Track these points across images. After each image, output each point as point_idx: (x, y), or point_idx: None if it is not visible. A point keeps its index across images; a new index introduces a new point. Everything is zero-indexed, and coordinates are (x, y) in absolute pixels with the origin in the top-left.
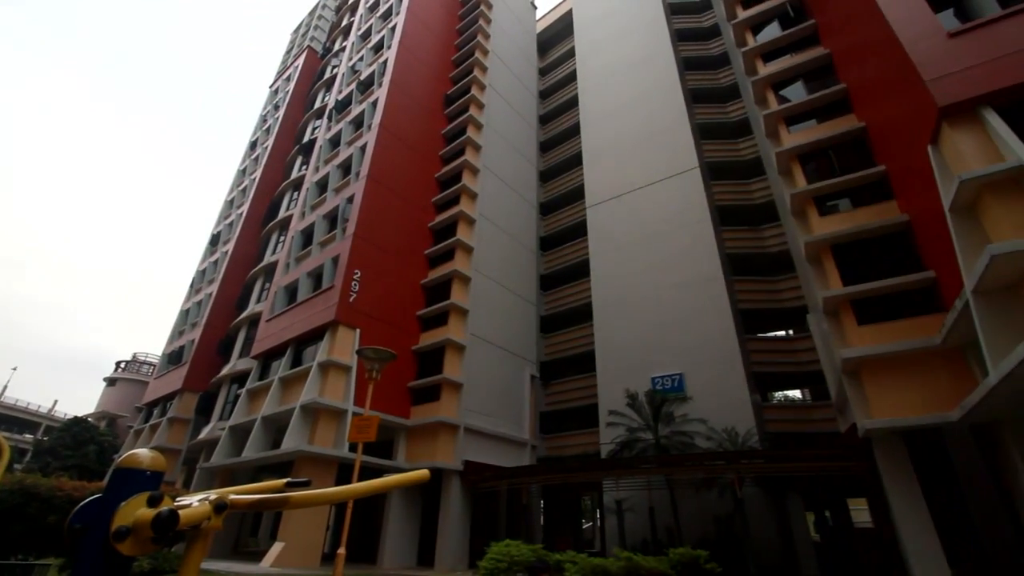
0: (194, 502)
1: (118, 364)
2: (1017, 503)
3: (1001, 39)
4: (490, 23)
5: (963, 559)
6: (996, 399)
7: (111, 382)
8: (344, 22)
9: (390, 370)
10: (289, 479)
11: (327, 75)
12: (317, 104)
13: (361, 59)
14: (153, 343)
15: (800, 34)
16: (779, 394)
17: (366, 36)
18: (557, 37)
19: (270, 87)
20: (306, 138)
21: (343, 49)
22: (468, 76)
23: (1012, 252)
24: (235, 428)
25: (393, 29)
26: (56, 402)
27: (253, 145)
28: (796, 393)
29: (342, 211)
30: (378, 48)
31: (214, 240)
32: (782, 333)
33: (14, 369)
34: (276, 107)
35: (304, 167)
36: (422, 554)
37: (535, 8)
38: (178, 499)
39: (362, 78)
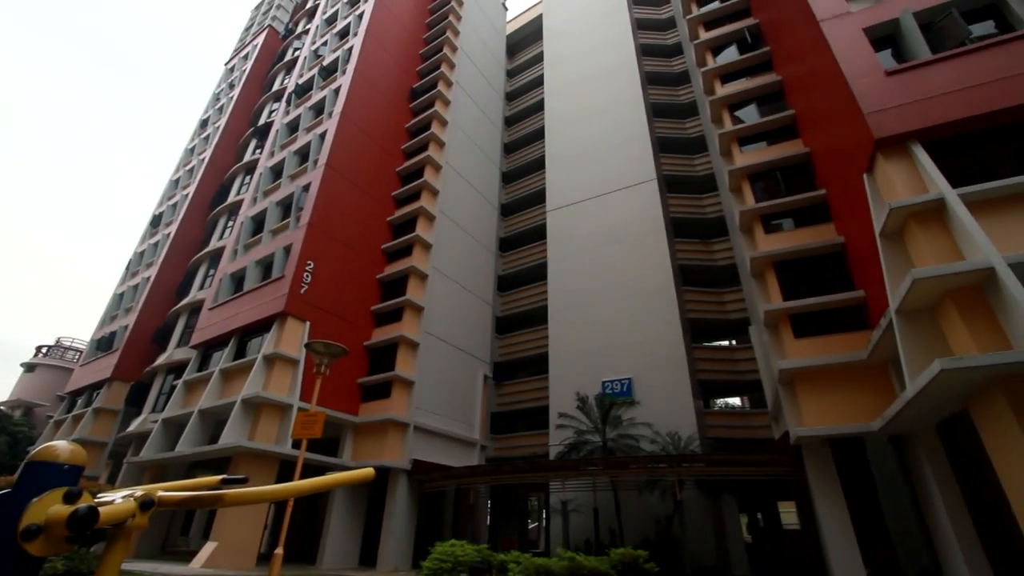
0: (117, 499)
1: (39, 349)
2: (925, 509)
3: (929, 81)
4: (460, 20)
5: (877, 559)
6: (911, 412)
7: (29, 368)
8: (309, 3)
9: (340, 365)
10: (225, 476)
11: (288, 57)
12: (276, 86)
13: (325, 44)
14: (80, 329)
15: (755, 60)
16: (720, 401)
17: (332, 21)
18: (527, 41)
19: (225, 64)
20: (262, 121)
21: (306, 32)
22: (435, 71)
23: (931, 277)
24: (169, 421)
25: (360, 16)
26: None
27: (204, 124)
28: (736, 400)
29: (297, 199)
30: (344, 34)
31: (155, 221)
32: (726, 343)
33: None
34: (231, 86)
35: (258, 151)
36: (365, 554)
37: (506, 9)
38: (99, 495)
39: (325, 64)
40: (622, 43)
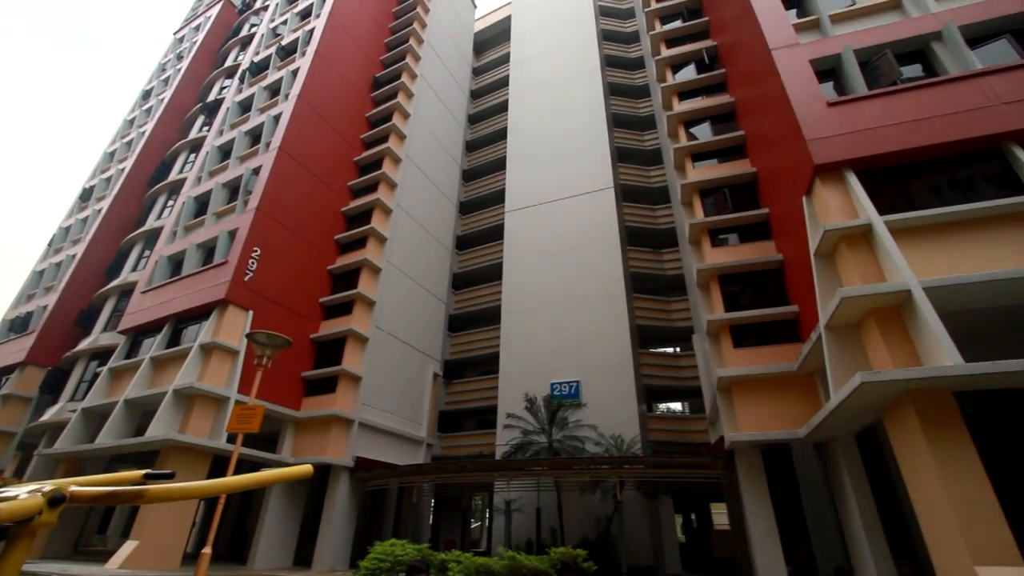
0: (22, 493)
1: None
2: (841, 512)
3: (864, 115)
4: (428, 12)
5: (797, 558)
6: (834, 420)
7: None
8: None
9: (283, 358)
10: (148, 471)
11: (243, 33)
12: (229, 62)
13: (285, 22)
14: None
15: (712, 80)
16: (663, 406)
17: None
18: (494, 40)
19: (174, 33)
20: (211, 97)
21: (265, 8)
22: (400, 62)
23: (857, 296)
24: (90, 411)
25: None
26: None
27: (147, 95)
28: (677, 406)
29: (246, 182)
30: (305, 15)
31: (85, 195)
32: (671, 350)
33: None
34: (179, 57)
35: (206, 128)
36: (300, 554)
37: (475, 7)
38: (2, 490)
39: (284, 43)
40: (588, 52)
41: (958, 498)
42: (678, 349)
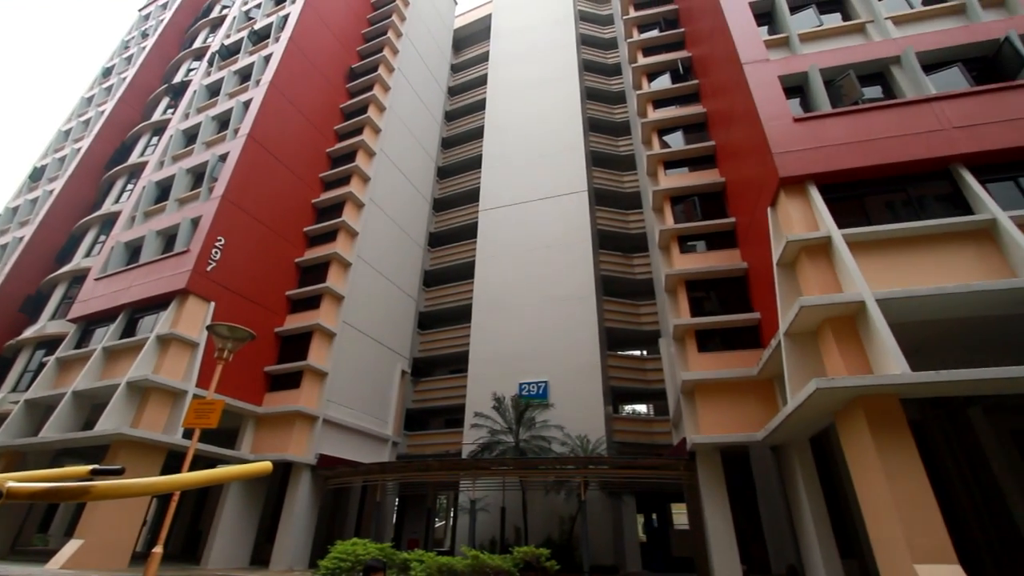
0: None
1: None
2: (794, 512)
3: (827, 131)
4: (408, 6)
5: (752, 557)
6: (790, 424)
7: None
8: None
9: (246, 352)
10: (96, 466)
11: (214, 14)
12: (197, 43)
13: (258, 6)
14: None
15: (685, 90)
16: (629, 407)
17: None
18: (474, 38)
19: (140, 10)
20: (178, 78)
21: None
22: (377, 54)
23: (815, 305)
24: (34, 402)
25: None
26: None
27: (107, 72)
28: (642, 407)
29: (211, 168)
30: (280, 0)
31: (36, 174)
32: (638, 353)
33: None
34: (144, 35)
35: (171, 111)
36: (258, 553)
37: (456, 3)
38: None
39: (256, 27)
40: (566, 55)
41: (901, 500)
42: (645, 352)
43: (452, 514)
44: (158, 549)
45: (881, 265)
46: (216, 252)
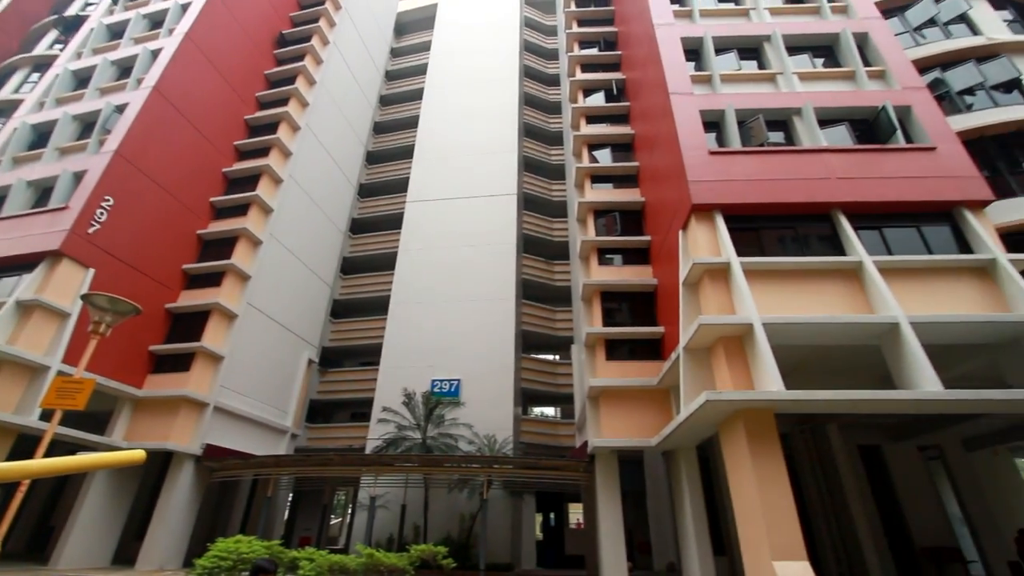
0: None
1: None
2: (678, 513)
3: (736, 167)
4: None
5: (638, 555)
6: (681, 432)
7: None
8: None
9: (129, 327)
10: None
11: None
12: None
13: None
14: None
15: (617, 110)
16: (537, 409)
17: None
18: (418, 25)
19: None
20: (71, 11)
21: None
22: (312, 23)
23: (712, 324)
24: None
25: None
26: None
27: None
28: (551, 410)
29: (105, 119)
30: None
31: None
32: (551, 357)
33: None
34: None
35: (59, 46)
36: (124, 551)
37: None
38: None
39: None
40: (509, 58)
41: (768, 504)
42: (558, 357)
43: (350, 511)
44: None
45: (769, 292)
46: (102, 213)
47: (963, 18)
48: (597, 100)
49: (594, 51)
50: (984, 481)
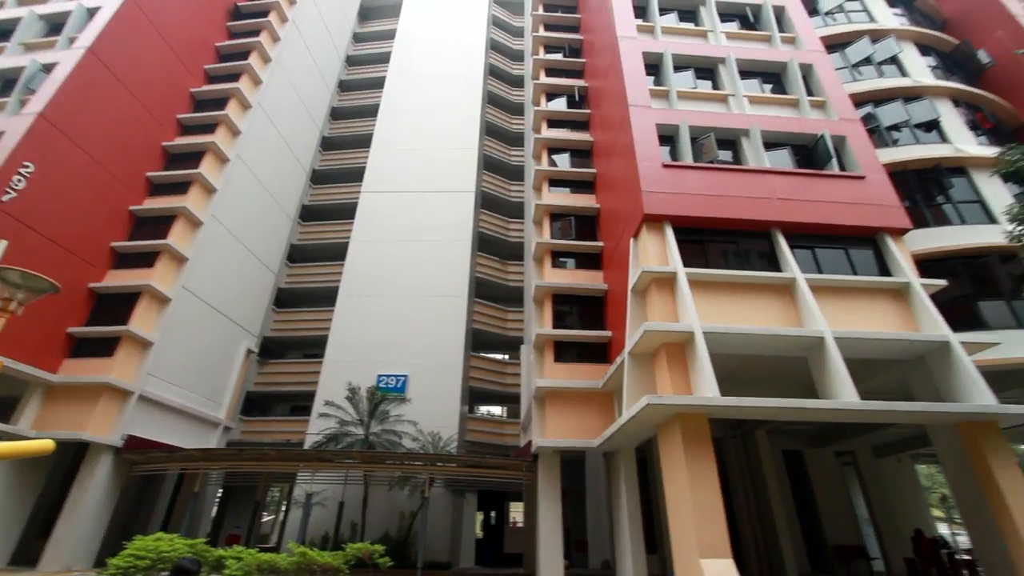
0: None
1: None
2: (615, 512)
3: (686, 181)
4: None
5: (575, 554)
6: (622, 434)
7: None
8: None
9: (44, 306)
10: None
11: None
12: None
13: None
14: None
15: (578, 117)
16: (484, 408)
17: None
18: (383, 11)
19: None
20: None
21: None
22: None
23: (656, 330)
24: None
25: None
26: None
27: None
28: (497, 409)
29: (29, 77)
30: None
31: None
32: (500, 356)
33: None
34: None
35: None
36: (25, 550)
37: None
38: None
39: None
40: (474, 55)
41: (699, 504)
42: (507, 356)
43: (284, 508)
44: None
45: (711, 303)
46: (19, 180)
47: (894, 60)
48: (560, 105)
49: (559, 56)
50: (888, 485)
